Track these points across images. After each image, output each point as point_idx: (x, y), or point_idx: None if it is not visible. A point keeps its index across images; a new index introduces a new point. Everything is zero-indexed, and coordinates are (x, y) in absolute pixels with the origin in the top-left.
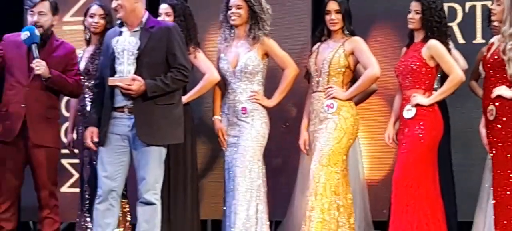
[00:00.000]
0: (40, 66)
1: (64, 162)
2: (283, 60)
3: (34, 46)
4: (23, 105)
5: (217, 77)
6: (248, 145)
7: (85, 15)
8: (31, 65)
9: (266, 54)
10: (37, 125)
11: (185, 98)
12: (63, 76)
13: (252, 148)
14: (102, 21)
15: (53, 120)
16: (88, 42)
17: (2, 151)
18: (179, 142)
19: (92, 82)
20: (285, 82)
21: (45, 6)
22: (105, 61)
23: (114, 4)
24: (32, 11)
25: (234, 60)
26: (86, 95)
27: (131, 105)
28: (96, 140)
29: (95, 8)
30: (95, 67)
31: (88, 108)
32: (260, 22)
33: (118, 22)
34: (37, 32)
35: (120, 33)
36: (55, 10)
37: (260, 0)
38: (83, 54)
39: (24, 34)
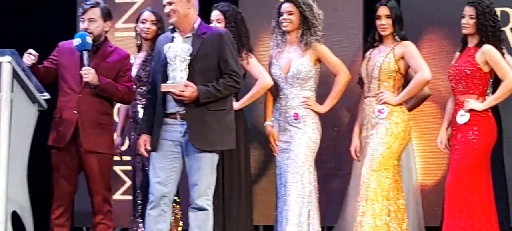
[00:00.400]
0: (88, 73)
1: (117, 169)
2: (335, 66)
3: (85, 53)
4: (75, 112)
5: (270, 82)
6: (300, 151)
7: (136, 21)
8: (80, 72)
9: (318, 60)
10: (89, 131)
11: (238, 104)
12: (113, 84)
13: (303, 154)
14: (153, 27)
15: (106, 126)
16: (139, 49)
17: (56, 157)
18: (231, 148)
19: (144, 88)
20: (337, 88)
21: (95, 13)
22: (157, 67)
23: (167, 9)
24: (82, 18)
25: (286, 66)
26: (138, 102)
27: (183, 112)
28: (149, 148)
29: (146, 14)
30: (147, 73)
31: (140, 114)
32: (312, 28)
33: (171, 27)
34: (88, 39)
35: (172, 39)
36: (106, 16)
37: (312, 6)
38: (135, 61)
39: (75, 41)
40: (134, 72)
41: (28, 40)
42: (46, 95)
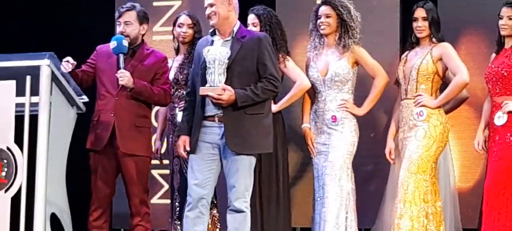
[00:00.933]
0: (123, 76)
1: (155, 172)
2: (373, 69)
3: (121, 56)
4: (112, 115)
5: (307, 84)
6: (338, 153)
7: (173, 25)
8: (116, 75)
9: (356, 62)
10: (126, 134)
11: (276, 107)
12: (148, 86)
13: (341, 156)
14: (190, 31)
15: (143, 129)
16: (177, 52)
17: (94, 160)
18: (268, 152)
19: (182, 91)
20: (375, 90)
21: (131, 16)
22: (197, 70)
23: (208, 11)
24: (119, 21)
25: (324, 68)
26: (176, 105)
27: (221, 115)
28: (188, 148)
29: (183, 18)
30: (184, 76)
31: (179, 117)
32: (350, 31)
33: (211, 30)
34: (124, 42)
35: (212, 43)
36: (142, 19)
37: (350, 9)
38: (172, 64)
39: (112, 44)
40: (171, 75)
41: (67, 44)
42: (85, 98)
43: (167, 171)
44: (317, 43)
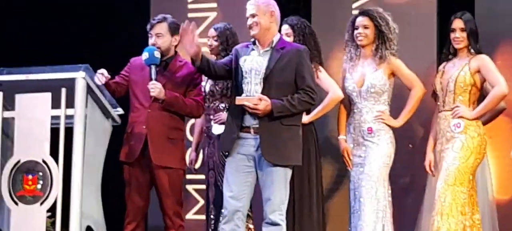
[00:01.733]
0: (154, 88)
1: (189, 187)
2: (410, 80)
3: (153, 67)
4: (144, 127)
5: (340, 95)
6: (374, 165)
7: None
8: (148, 86)
9: (393, 74)
10: (159, 146)
11: (309, 118)
12: (180, 98)
13: (378, 168)
14: (215, 43)
15: (176, 141)
16: None
17: (128, 172)
18: (299, 164)
19: (218, 103)
20: (412, 102)
21: (162, 28)
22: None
23: (249, 21)
24: (150, 33)
25: (360, 79)
26: (212, 117)
27: (257, 126)
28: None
29: (210, 31)
30: (220, 89)
31: (214, 130)
32: (387, 42)
33: (252, 39)
34: (156, 53)
35: (250, 53)
36: (173, 30)
37: (387, 20)
38: None
39: (144, 55)
40: (207, 87)
41: (102, 56)
42: (120, 111)
43: (202, 186)
44: (353, 54)
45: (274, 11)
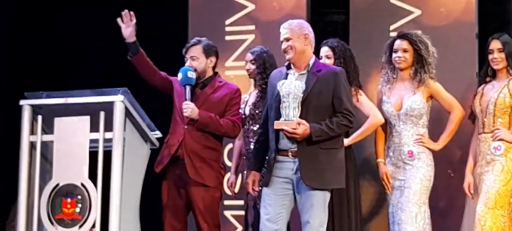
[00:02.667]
0: (187, 108)
1: (227, 213)
2: (449, 103)
3: (187, 88)
4: (177, 141)
5: (381, 119)
6: (414, 189)
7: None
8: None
9: (431, 97)
10: (194, 164)
11: (348, 141)
12: (215, 119)
13: (418, 192)
14: (252, 66)
15: (211, 161)
16: (255, 85)
17: (166, 195)
18: (341, 187)
19: (257, 126)
20: (452, 125)
21: (197, 50)
22: (270, 102)
23: (284, 46)
24: (186, 57)
25: (398, 102)
26: (251, 140)
27: (295, 149)
28: (256, 188)
29: (247, 55)
30: (259, 111)
31: None
32: (425, 66)
33: (286, 63)
34: (189, 73)
35: (286, 76)
36: (208, 52)
37: (427, 44)
38: (248, 99)
39: (179, 75)
40: (247, 110)
41: (141, 79)
42: (158, 134)
43: (240, 212)
44: (390, 77)
45: (308, 34)
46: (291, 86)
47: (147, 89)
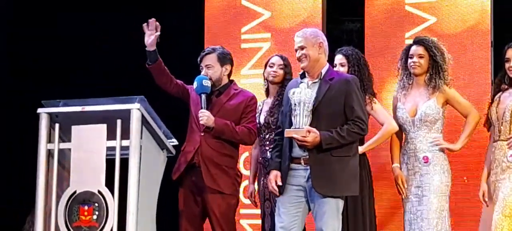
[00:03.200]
0: (202, 117)
1: (244, 222)
2: (465, 108)
3: (203, 96)
4: (194, 149)
5: (395, 127)
6: (433, 196)
7: (265, 66)
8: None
9: (446, 102)
10: (210, 171)
11: (362, 148)
12: (230, 126)
13: (437, 199)
14: (280, 71)
15: (227, 168)
16: (267, 94)
17: (182, 203)
18: (354, 195)
19: (273, 134)
20: (469, 126)
21: (211, 59)
22: (285, 110)
23: (298, 54)
24: (201, 65)
25: (413, 108)
26: (268, 148)
27: (307, 157)
28: (279, 182)
29: (275, 59)
30: (275, 120)
31: None
32: (441, 72)
33: (300, 73)
34: (204, 82)
35: (299, 85)
36: (223, 60)
37: (443, 50)
38: (263, 107)
39: (194, 84)
40: (262, 118)
41: (157, 88)
42: (174, 142)
43: (256, 221)
44: (406, 83)
45: (323, 42)
46: (301, 95)
47: (163, 101)
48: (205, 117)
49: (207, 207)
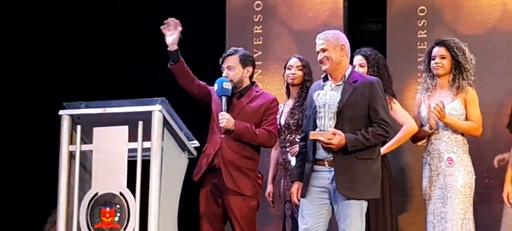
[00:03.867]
0: (222, 119)
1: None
2: (473, 116)
3: (223, 99)
4: (215, 151)
5: (415, 127)
6: (457, 197)
7: (284, 68)
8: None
9: None
10: (230, 173)
11: (383, 150)
12: (250, 129)
13: (461, 201)
14: (299, 73)
15: (247, 170)
16: (288, 95)
17: (204, 205)
18: (376, 197)
19: (293, 136)
20: (465, 123)
21: (233, 60)
22: (309, 113)
23: (320, 56)
24: (222, 66)
25: None
26: (288, 149)
27: (331, 159)
28: (300, 197)
29: (293, 60)
30: (295, 121)
31: (292, 162)
32: (464, 72)
33: (323, 75)
34: (225, 84)
35: (323, 87)
36: (245, 62)
37: (465, 50)
38: (283, 108)
39: (214, 86)
40: (282, 120)
41: (178, 89)
42: (196, 143)
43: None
44: (429, 84)
45: (344, 44)
46: (326, 97)
47: (184, 102)
48: (225, 119)
49: (228, 209)
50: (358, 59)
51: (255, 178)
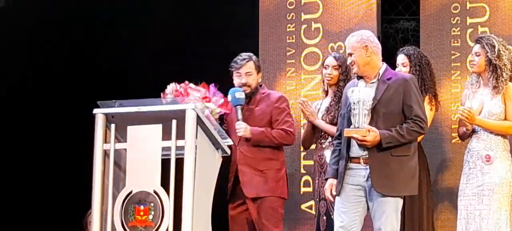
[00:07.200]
0: (239, 128)
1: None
2: (509, 114)
3: (238, 108)
4: (234, 166)
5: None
6: (494, 196)
7: (322, 65)
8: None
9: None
10: (250, 181)
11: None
12: (266, 133)
13: (498, 199)
14: (335, 72)
15: (268, 171)
16: (326, 94)
17: (232, 208)
18: (413, 194)
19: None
20: (498, 124)
21: (251, 66)
22: (343, 112)
23: (348, 60)
24: (238, 73)
25: (479, 107)
26: (324, 146)
27: (366, 156)
28: (334, 193)
29: (329, 60)
30: (331, 118)
31: (326, 158)
32: (498, 69)
33: (356, 75)
34: (237, 94)
35: (357, 85)
36: (258, 68)
37: (499, 47)
38: (320, 106)
39: (229, 97)
40: (319, 117)
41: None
42: (229, 142)
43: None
44: (474, 81)
45: (368, 44)
46: (360, 94)
47: None
48: (242, 128)
49: (252, 214)
50: (401, 58)
51: (275, 176)
